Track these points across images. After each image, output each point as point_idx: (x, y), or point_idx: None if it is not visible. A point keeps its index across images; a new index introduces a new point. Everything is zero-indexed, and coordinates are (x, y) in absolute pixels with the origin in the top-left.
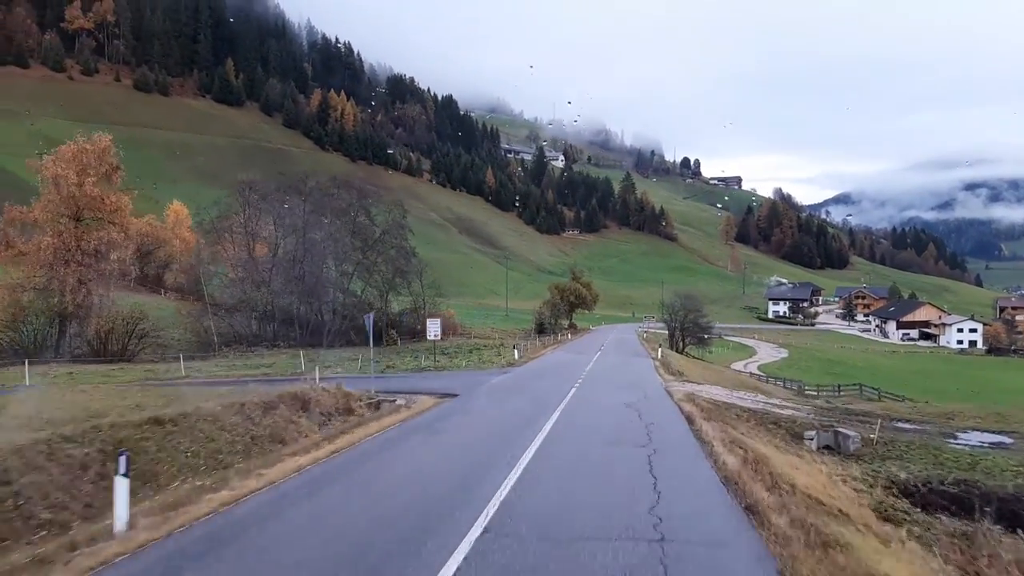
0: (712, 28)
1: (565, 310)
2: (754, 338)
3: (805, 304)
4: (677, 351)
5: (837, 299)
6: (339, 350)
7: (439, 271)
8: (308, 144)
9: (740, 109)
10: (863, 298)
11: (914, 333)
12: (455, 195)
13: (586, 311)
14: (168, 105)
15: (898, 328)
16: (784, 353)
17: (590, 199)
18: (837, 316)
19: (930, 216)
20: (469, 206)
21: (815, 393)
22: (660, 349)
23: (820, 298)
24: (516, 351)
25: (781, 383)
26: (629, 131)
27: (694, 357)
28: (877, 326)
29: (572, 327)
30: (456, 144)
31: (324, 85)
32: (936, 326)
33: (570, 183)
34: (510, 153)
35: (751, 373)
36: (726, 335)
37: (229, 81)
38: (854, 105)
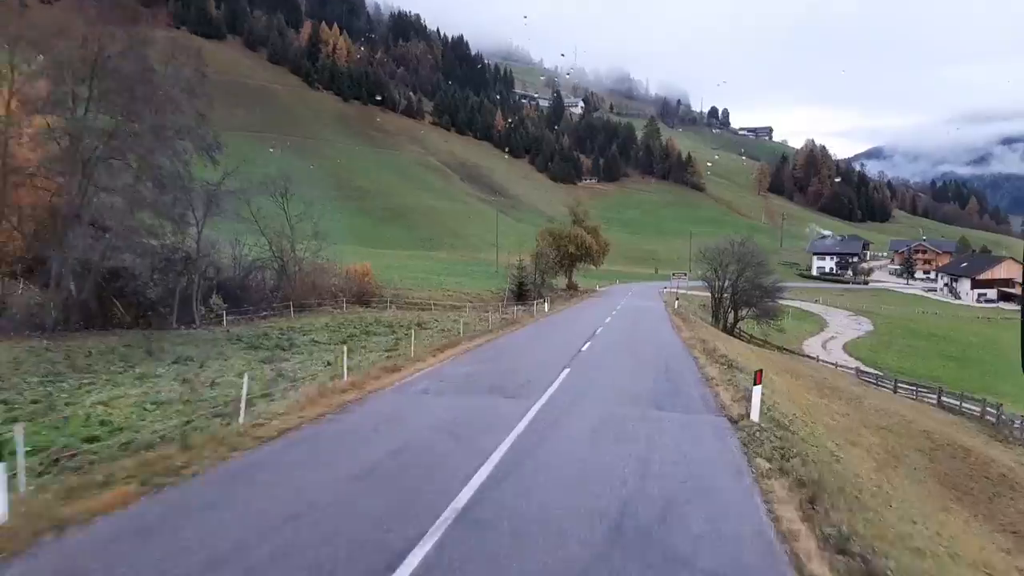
0: None
1: (562, 264)
2: (816, 301)
3: (855, 259)
4: (725, 329)
5: (887, 254)
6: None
7: (432, 221)
8: (295, 81)
9: (771, 61)
10: (923, 252)
11: (992, 293)
12: (460, 139)
13: (592, 266)
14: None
15: (973, 287)
16: (865, 324)
17: (610, 146)
18: (892, 273)
19: (965, 171)
20: (475, 151)
21: None
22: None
23: (868, 253)
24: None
25: (934, 397)
26: (655, 80)
27: (755, 340)
28: (946, 285)
29: (571, 288)
30: (465, 87)
31: (318, 20)
32: (1020, 284)
33: (589, 128)
34: (525, 99)
35: (854, 369)
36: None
37: (207, 11)
38: (887, 58)
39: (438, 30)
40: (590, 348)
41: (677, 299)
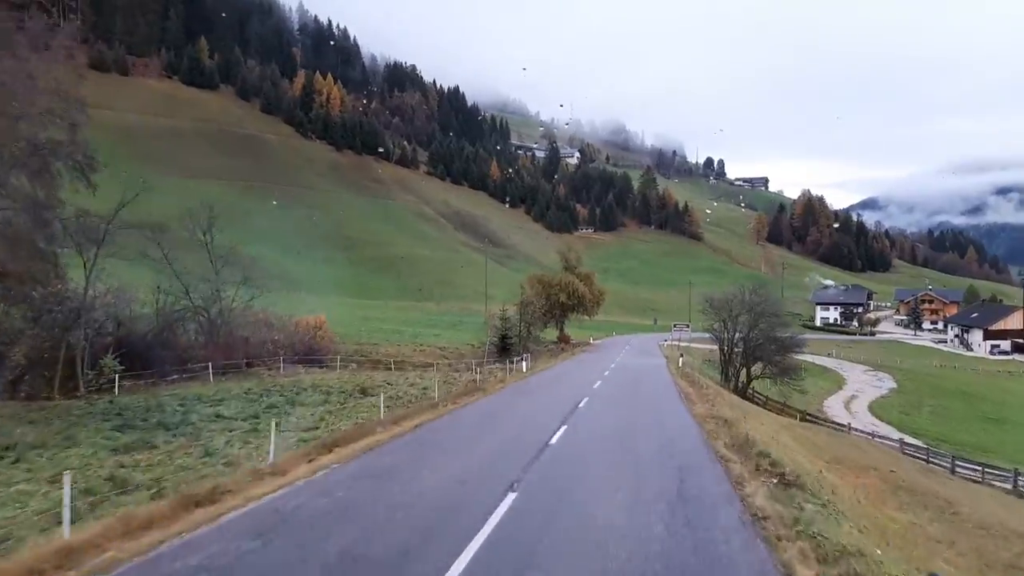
0: (736, 30)
1: (552, 314)
2: (829, 355)
3: (859, 310)
4: (737, 390)
5: (890, 304)
6: None
7: (424, 271)
8: (288, 131)
9: (764, 113)
10: (930, 302)
11: (1005, 344)
12: (455, 189)
13: (585, 316)
14: (125, 85)
15: (985, 338)
16: (886, 380)
17: (606, 195)
18: (898, 324)
19: (960, 221)
20: (470, 201)
21: None
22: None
23: (872, 303)
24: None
25: (1007, 482)
26: (650, 132)
27: (772, 403)
28: (956, 336)
29: (563, 340)
30: (460, 137)
31: (312, 70)
32: None
33: (585, 178)
34: (521, 150)
35: (897, 441)
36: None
37: (200, 61)
38: (881, 109)
39: (434, 81)
40: (564, 440)
41: (681, 355)
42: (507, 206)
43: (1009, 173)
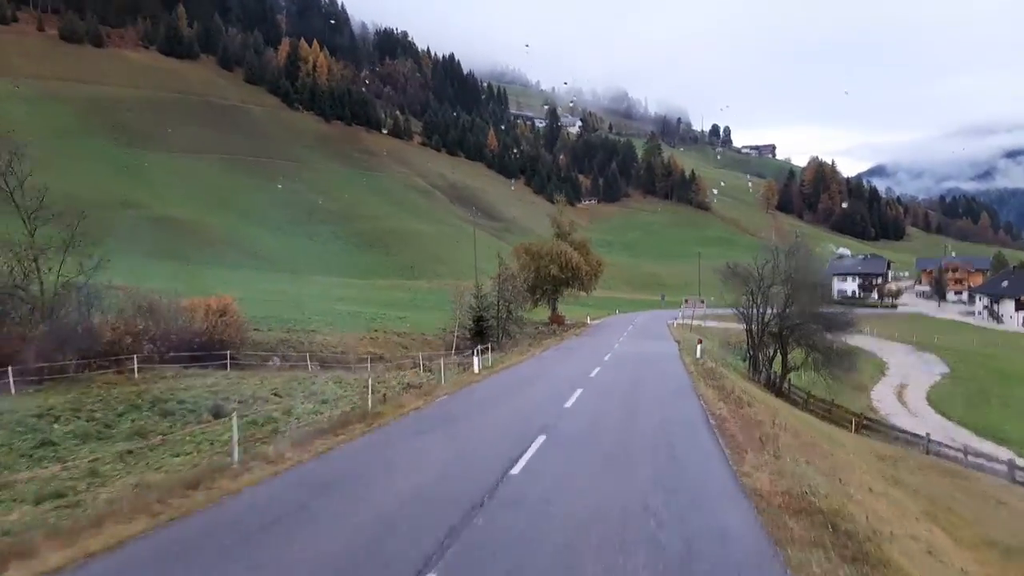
0: None
1: (542, 291)
2: (862, 332)
3: (879, 280)
4: (770, 385)
5: (908, 274)
6: None
7: (416, 246)
8: (273, 102)
9: (770, 79)
10: (954, 271)
11: None
12: (450, 160)
13: (582, 292)
14: (99, 57)
15: (1017, 309)
16: (934, 363)
17: (609, 164)
18: (920, 295)
19: (970, 186)
20: (467, 172)
21: None
22: None
23: (891, 272)
24: None
25: None
26: (653, 99)
27: (814, 401)
28: (985, 307)
29: (556, 321)
30: (455, 106)
31: (297, 37)
32: None
33: (587, 147)
34: (520, 119)
35: (1005, 463)
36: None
37: (179, 30)
38: (886, 73)
39: (428, 49)
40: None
41: (700, 341)
42: (511, 182)
43: (1017, 136)
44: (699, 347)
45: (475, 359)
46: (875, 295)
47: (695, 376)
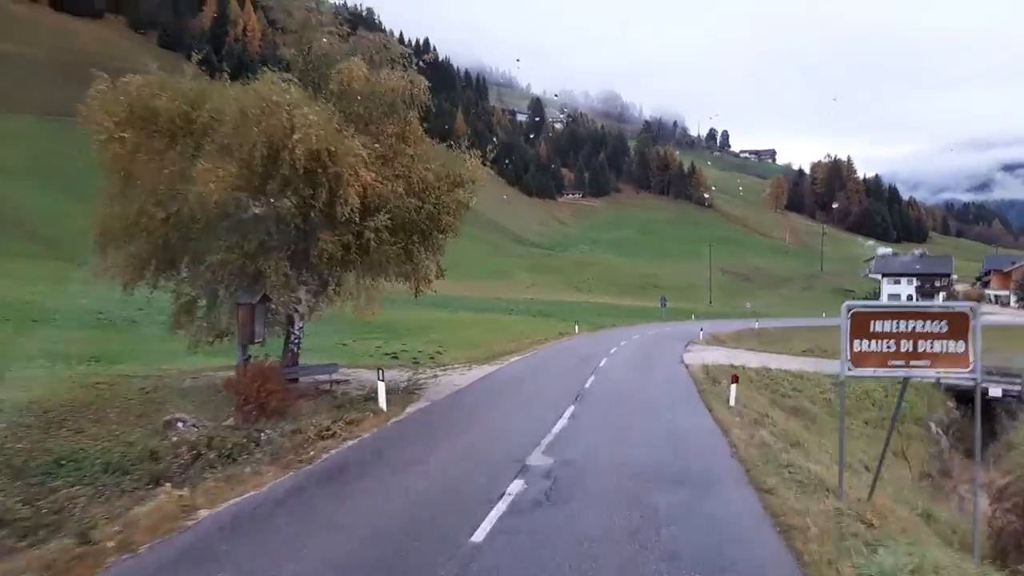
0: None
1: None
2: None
3: (942, 282)
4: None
5: (954, 277)
6: None
7: None
8: (193, 71)
9: (767, 92)
10: None
11: None
12: None
13: (423, 285)
14: None
15: None
16: None
17: (597, 155)
18: (992, 301)
19: (967, 198)
20: None
21: None
22: None
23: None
24: None
25: None
26: (648, 104)
27: None
28: None
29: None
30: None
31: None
32: None
33: (572, 138)
34: (503, 112)
35: None
36: None
37: None
38: (884, 86)
39: (402, 34)
40: None
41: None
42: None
43: (1014, 150)
44: None
45: None
46: (940, 300)
47: None
